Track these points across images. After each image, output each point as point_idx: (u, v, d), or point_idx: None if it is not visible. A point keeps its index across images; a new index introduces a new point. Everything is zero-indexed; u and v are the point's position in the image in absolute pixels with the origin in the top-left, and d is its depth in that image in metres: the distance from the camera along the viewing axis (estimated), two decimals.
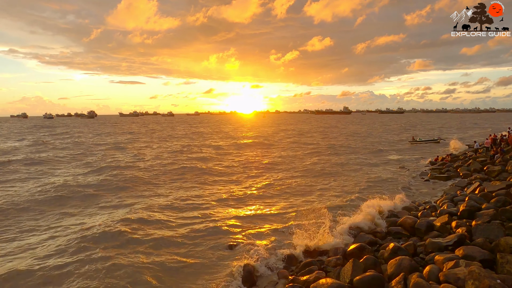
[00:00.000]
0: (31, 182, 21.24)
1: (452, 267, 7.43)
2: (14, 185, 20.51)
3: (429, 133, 64.91)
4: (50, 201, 16.77)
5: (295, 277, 8.66)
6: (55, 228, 13.19)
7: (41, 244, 11.45)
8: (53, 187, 19.17)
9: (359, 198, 17.17)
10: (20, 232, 12.80)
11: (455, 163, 25.07)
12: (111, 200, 17.26)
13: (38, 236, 12.34)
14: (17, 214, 14.79)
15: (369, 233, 11.64)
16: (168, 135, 65.08)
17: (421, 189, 19.33)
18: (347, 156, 33.95)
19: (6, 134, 68.76)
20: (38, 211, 15.30)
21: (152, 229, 12.84)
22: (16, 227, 13.24)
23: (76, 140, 52.16)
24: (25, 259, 10.29)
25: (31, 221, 14.01)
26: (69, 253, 10.58)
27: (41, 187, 19.48)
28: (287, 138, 55.52)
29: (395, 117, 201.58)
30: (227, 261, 10.33)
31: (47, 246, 11.25)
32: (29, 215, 14.76)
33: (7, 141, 51.25)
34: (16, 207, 15.64)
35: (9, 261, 10.23)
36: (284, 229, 13.09)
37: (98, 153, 35.68)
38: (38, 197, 17.25)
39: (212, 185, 21.12)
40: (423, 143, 43.65)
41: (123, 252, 10.70)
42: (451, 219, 11.36)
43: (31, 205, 16.01)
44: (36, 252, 10.83)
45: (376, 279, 7.60)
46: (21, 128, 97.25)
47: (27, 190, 18.98)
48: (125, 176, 22.46)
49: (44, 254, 10.61)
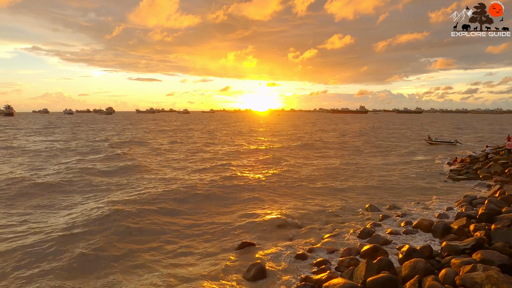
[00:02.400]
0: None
1: (469, 271, 7.24)
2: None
3: (444, 133, 63.38)
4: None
5: (307, 276, 8.64)
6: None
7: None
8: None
9: (373, 201, 16.97)
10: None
11: (475, 164, 24.41)
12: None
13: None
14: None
15: (384, 234, 11.50)
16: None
17: (439, 190, 18.89)
18: (364, 155, 33.54)
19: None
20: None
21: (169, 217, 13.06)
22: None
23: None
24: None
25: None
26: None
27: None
28: (338, 137, 54.06)
29: (413, 117, 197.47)
30: (240, 257, 10.40)
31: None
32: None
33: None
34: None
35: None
36: (299, 227, 13.07)
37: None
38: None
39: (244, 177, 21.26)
40: (438, 144, 42.57)
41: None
42: (469, 222, 11.06)
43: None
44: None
45: (390, 280, 7.49)
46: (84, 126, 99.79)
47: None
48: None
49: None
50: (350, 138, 54.59)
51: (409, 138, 53.44)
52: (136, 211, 14.14)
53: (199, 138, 53.05)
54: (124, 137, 50.81)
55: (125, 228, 12.42)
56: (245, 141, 47.10)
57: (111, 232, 11.96)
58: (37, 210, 15.01)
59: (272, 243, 11.54)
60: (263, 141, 48.36)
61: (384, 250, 9.65)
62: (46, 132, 63.99)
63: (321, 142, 47.04)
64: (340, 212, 15.04)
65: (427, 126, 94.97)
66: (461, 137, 51.74)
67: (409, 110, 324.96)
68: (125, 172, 23.56)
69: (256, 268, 8.99)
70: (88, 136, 53.39)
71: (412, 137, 55.99)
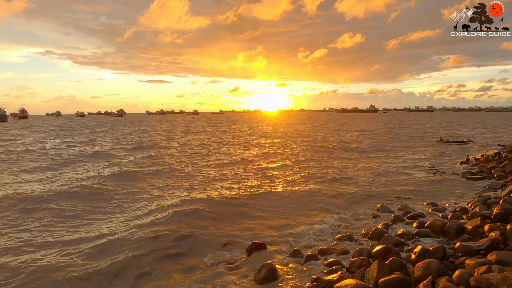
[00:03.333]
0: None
1: (484, 272, 7.12)
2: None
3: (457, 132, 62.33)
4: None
5: (318, 277, 8.60)
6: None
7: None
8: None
9: (385, 201, 16.81)
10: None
11: (489, 164, 23.96)
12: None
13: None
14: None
15: (396, 235, 11.37)
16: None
17: (452, 190, 18.59)
18: (374, 155, 33.24)
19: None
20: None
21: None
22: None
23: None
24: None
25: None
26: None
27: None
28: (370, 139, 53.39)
29: (424, 116, 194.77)
30: (250, 258, 10.42)
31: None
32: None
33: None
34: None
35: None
36: (309, 229, 13.03)
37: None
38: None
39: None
40: (450, 144, 41.81)
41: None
42: (483, 222, 10.86)
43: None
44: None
45: (402, 281, 7.41)
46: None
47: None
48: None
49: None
50: (368, 138, 54.10)
51: (421, 138, 52.69)
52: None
53: (241, 141, 50.35)
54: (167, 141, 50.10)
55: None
56: (275, 146, 45.32)
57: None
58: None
59: (283, 244, 11.53)
60: (298, 142, 47.25)
61: (396, 250, 9.54)
62: (73, 135, 63.40)
63: (345, 143, 46.38)
64: (351, 213, 14.94)
65: (453, 125, 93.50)
66: (475, 137, 50.77)
67: (420, 108, 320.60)
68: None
69: (267, 269, 8.98)
70: (123, 139, 53.64)
71: (426, 136, 55.11)
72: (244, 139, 53.57)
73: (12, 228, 12.96)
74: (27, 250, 10.87)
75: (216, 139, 53.53)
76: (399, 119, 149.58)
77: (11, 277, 9.10)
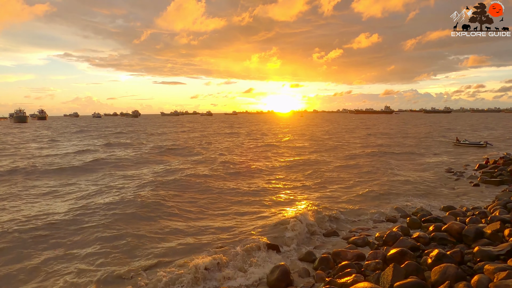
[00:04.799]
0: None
1: (504, 278, 6.91)
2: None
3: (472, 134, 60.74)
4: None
5: (332, 279, 8.52)
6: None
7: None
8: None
9: (400, 204, 16.53)
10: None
11: (509, 166, 23.27)
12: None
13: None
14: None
15: (411, 238, 11.15)
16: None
17: (470, 193, 18.14)
18: (384, 156, 32.75)
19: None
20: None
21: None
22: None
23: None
24: None
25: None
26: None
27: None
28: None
29: (441, 117, 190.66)
30: (263, 258, 10.41)
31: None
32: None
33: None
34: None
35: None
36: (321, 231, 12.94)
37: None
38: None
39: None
40: (467, 146, 40.67)
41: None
42: (503, 226, 10.53)
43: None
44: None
45: (419, 286, 7.26)
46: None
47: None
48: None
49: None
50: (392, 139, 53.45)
51: (438, 139, 51.64)
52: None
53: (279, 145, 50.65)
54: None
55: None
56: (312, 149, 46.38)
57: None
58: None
59: (297, 246, 11.49)
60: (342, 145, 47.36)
61: (412, 254, 9.36)
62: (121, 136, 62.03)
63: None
64: (365, 216, 14.76)
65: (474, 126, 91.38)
66: (492, 139, 49.42)
67: (437, 109, 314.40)
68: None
69: (280, 270, 8.95)
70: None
71: (441, 139, 54.02)
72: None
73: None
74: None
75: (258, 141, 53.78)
76: (416, 121, 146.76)
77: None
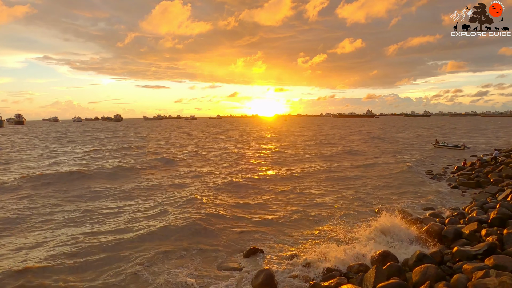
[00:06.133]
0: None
1: (481, 276, 7.11)
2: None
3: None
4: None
5: (316, 283, 8.56)
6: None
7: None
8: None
9: (382, 206, 16.78)
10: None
11: (485, 168, 24.04)
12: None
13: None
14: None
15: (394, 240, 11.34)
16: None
17: (448, 195, 18.64)
18: (366, 158, 33.32)
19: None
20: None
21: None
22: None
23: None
24: None
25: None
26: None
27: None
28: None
29: (421, 121, 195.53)
30: (247, 263, 10.36)
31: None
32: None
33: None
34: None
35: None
36: (306, 234, 12.99)
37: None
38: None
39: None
40: (446, 148, 41.92)
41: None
42: (480, 226, 10.87)
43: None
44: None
45: (400, 286, 7.40)
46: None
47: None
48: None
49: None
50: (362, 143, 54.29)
51: (417, 142, 52.90)
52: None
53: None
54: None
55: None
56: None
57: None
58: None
59: (281, 249, 11.50)
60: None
61: (394, 255, 9.53)
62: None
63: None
64: (348, 217, 14.92)
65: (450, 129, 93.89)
66: (468, 141, 51.02)
67: (417, 113, 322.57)
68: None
69: (264, 274, 8.92)
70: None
71: (422, 141, 55.37)
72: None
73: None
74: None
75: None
76: (395, 124, 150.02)
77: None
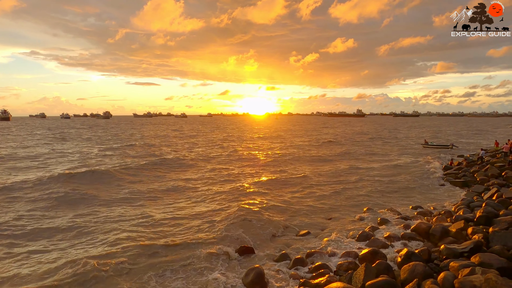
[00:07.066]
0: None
1: (467, 274, 7.25)
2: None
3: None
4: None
5: (306, 280, 8.61)
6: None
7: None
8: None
9: (372, 204, 16.95)
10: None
11: (471, 168, 24.50)
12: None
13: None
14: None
15: (382, 238, 11.49)
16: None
17: (436, 193, 18.94)
18: (355, 158, 33.62)
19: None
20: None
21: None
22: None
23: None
24: None
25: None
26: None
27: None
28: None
29: (409, 121, 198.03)
30: (238, 261, 10.36)
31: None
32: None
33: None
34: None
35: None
36: (296, 232, 13.04)
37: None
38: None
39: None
40: (434, 148, 42.56)
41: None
42: (467, 225, 11.10)
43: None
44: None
45: (389, 284, 7.48)
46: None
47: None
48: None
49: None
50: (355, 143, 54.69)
51: (406, 142, 53.57)
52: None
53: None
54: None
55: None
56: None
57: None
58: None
59: (271, 248, 11.52)
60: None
61: (383, 253, 9.65)
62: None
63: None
64: (338, 216, 15.04)
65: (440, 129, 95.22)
66: (457, 141, 51.92)
67: (406, 113, 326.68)
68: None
69: (254, 273, 8.93)
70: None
71: (409, 141, 56.09)
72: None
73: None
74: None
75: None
76: (385, 123, 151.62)
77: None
